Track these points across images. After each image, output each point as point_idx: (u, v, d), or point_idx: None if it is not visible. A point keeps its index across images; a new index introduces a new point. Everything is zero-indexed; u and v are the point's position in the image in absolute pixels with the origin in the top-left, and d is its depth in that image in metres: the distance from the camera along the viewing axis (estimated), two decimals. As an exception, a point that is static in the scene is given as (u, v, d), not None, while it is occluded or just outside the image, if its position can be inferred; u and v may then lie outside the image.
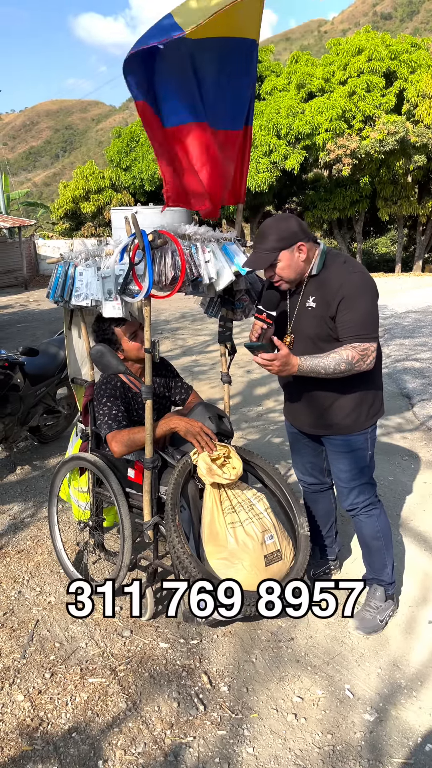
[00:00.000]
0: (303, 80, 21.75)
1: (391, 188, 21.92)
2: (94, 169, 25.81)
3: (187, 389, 3.10)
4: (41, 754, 2.11)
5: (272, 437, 5.05)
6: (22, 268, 19.99)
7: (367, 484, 2.67)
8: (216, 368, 7.37)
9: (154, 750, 2.12)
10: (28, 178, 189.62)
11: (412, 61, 21.14)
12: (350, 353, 2.35)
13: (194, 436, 2.62)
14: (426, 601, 2.88)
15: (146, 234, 2.37)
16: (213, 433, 2.68)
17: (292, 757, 2.08)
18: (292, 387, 2.69)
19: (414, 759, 2.08)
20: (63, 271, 2.65)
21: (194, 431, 2.63)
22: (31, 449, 4.91)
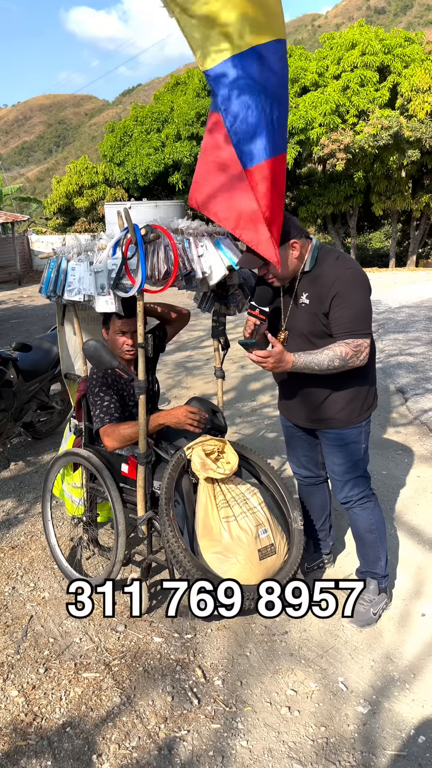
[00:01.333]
0: (296, 74, 21.68)
1: (385, 183, 21.91)
2: (87, 164, 25.68)
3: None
4: (35, 749, 2.11)
5: (266, 432, 5.05)
6: (15, 263, 19.90)
7: (361, 478, 2.67)
8: (210, 363, 7.37)
9: (148, 744, 2.12)
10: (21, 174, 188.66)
11: (406, 56, 21.12)
12: (344, 349, 2.36)
13: (185, 423, 2.64)
14: (419, 594, 2.89)
15: (139, 228, 2.36)
16: (197, 409, 2.69)
17: (285, 750, 2.09)
18: (286, 382, 2.69)
19: (407, 751, 2.09)
20: (55, 266, 2.64)
21: (182, 420, 2.64)
22: (25, 445, 4.89)
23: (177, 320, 3.11)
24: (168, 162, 22.43)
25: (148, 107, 24.46)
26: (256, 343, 2.33)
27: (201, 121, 21.09)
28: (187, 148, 21.72)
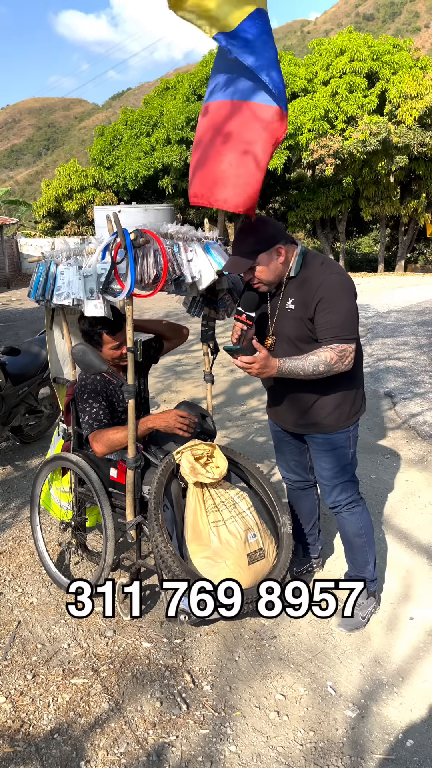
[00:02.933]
0: (286, 80, 21.76)
1: (374, 188, 22.05)
2: (77, 167, 25.64)
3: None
4: (23, 756, 2.10)
5: (255, 436, 5.06)
6: (4, 266, 19.82)
7: (350, 482, 2.68)
8: (199, 367, 7.37)
9: (136, 750, 2.11)
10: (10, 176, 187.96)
11: (394, 62, 21.27)
12: (328, 354, 2.37)
13: (174, 427, 2.65)
14: (407, 598, 2.91)
15: (128, 233, 2.37)
16: (187, 413, 2.71)
17: (274, 755, 2.09)
18: (275, 387, 2.70)
19: (395, 754, 2.10)
20: (44, 270, 2.63)
21: (172, 424, 2.65)
22: (13, 449, 4.87)
23: (175, 337, 3.15)
24: (158, 166, 22.44)
25: (137, 111, 24.47)
26: (241, 348, 2.34)
27: (191, 126, 21.12)
28: (177, 152, 21.74)
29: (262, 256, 2.39)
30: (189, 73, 23.51)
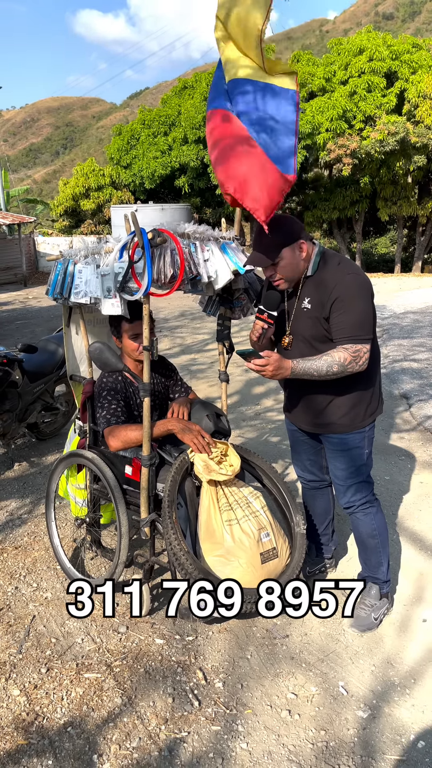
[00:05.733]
0: (304, 80, 21.73)
1: (391, 188, 21.93)
2: (94, 166, 25.77)
3: (187, 389, 3.11)
4: (36, 748, 2.13)
5: (270, 436, 5.06)
6: (21, 265, 19.99)
7: (364, 483, 2.68)
8: (214, 367, 7.38)
9: (148, 745, 2.13)
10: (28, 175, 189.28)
11: (413, 62, 21.15)
12: (342, 355, 2.37)
13: (191, 438, 2.63)
14: (420, 600, 2.90)
15: (146, 232, 2.38)
16: (209, 436, 2.69)
17: (285, 753, 2.10)
18: (291, 386, 2.71)
19: (407, 756, 2.10)
20: (62, 269, 2.66)
21: (191, 433, 2.64)
22: (29, 446, 4.91)
23: None
24: (175, 165, 22.49)
25: (155, 110, 24.54)
26: (254, 351, 2.34)
27: (208, 125, 21.13)
28: (194, 151, 21.78)
29: (285, 251, 2.39)
30: (207, 72, 23.58)
